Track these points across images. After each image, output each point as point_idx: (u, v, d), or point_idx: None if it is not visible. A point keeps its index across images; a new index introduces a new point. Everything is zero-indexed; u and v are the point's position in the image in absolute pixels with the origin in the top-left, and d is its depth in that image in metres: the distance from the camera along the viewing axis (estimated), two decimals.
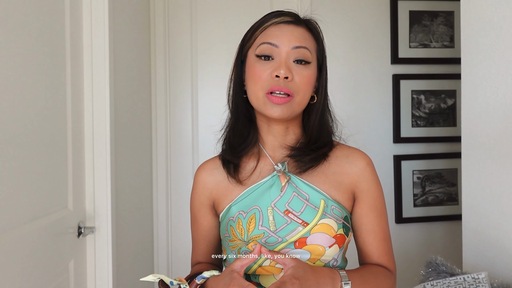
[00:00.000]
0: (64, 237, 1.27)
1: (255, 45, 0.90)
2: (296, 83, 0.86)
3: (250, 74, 0.89)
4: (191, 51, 2.13)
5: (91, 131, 1.43)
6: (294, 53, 0.87)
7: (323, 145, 0.92)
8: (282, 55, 0.86)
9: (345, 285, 0.78)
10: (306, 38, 0.89)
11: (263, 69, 0.87)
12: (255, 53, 0.89)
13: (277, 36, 0.87)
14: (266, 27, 0.89)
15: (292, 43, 0.87)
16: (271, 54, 0.87)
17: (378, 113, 2.23)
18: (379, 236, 0.91)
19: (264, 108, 0.87)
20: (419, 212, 2.24)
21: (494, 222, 1.37)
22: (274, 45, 0.87)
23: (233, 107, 0.95)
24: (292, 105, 0.87)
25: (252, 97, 0.89)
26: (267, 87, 0.86)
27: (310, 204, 0.87)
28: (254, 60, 0.89)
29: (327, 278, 0.77)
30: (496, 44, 1.35)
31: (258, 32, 0.90)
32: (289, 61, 0.87)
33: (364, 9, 2.21)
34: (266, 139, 0.94)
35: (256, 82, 0.87)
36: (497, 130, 1.35)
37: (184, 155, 2.14)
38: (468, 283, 1.21)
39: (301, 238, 0.85)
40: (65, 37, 1.29)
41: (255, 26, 0.92)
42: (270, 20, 0.89)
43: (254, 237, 0.87)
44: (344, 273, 0.81)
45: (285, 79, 0.85)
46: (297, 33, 0.88)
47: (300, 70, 0.87)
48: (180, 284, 0.84)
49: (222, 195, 0.95)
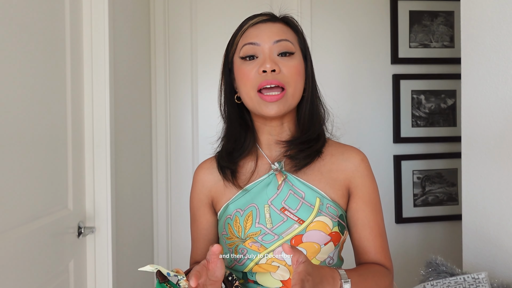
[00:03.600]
0: (64, 237, 1.27)
1: (238, 49, 0.92)
2: (285, 75, 0.88)
3: (239, 77, 0.91)
4: (191, 51, 2.13)
5: (91, 131, 1.43)
6: (277, 47, 0.89)
7: (315, 136, 0.93)
8: (265, 51, 0.89)
9: (345, 283, 0.79)
10: (285, 31, 0.91)
11: (250, 68, 0.89)
12: (240, 56, 0.91)
13: (256, 35, 0.90)
14: (245, 30, 0.92)
15: (272, 38, 0.89)
16: (254, 53, 0.89)
17: (378, 113, 2.23)
18: (374, 230, 0.92)
19: (259, 108, 0.88)
20: (419, 212, 2.24)
21: (494, 222, 1.37)
22: (255, 44, 0.89)
23: (226, 115, 0.98)
24: (286, 99, 0.88)
25: (246, 99, 0.91)
26: (257, 84, 0.87)
27: (305, 202, 0.88)
28: (240, 63, 0.91)
29: (328, 277, 0.78)
30: (496, 44, 1.35)
31: (239, 36, 0.93)
32: (273, 55, 0.89)
33: (364, 9, 2.21)
34: (262, 139, 0.96)
35: (246, 82, 0.89)
36: (497, 130, 1.35)
37: (184, 155, 2.14)
38: (468, 283, 1.21)
39: (297, 236, 0.86)
40: (65, 37, 1.29)
41: (235, 33, 0.95)
42: (248, 23, 0.93)
43: (251, 234, 0.88)
44: (343, 271, 0.81)
45: (273, 72, 0.87)
46: (275, 28, 0.91)
47: (286, 61, 0.89)
48: (178, 275, 0.84)
49: (220, 193, 0.96)
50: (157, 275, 0.84)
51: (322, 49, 2.17)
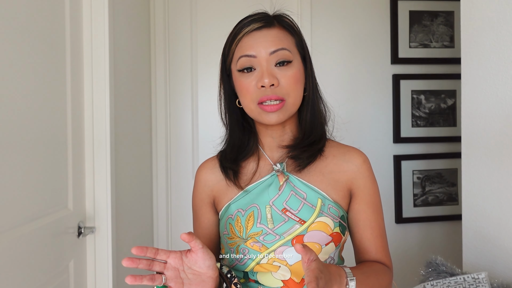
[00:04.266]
0: (64, 237, 1.27)
1: (234, 60, 0.90)
2: (283, 87, 0.87)
3: (238, 88, 0.91)
4: (191, 51, 2.13)
5: (91, 131, 1.43)
6: (273, 58, 0.87)
7: (317, 137, 0.93)
8: (263, 64, 0.87)
9: (351, 281, 0.79)
10: (281, 38, 0.88)
11: (248, 82, 0.88)
12: (237, 68, 0.89)
13: (251, 46, 0.87)
14: (239, 40, 0.89)
15: (268, 48, 0.86)
16: (251, 65, 0.88)
17: (378, 113, 2.23)
18: (376, 231, 0.93)
19: (260, 117, 0.89)
20: (419, 212, 2.24)
21: (494, 222, 1.37)
22: (251, 56, 0.87)
23: (227, 122, 0.97)
24: (286, 108, 0.88)
25: (247, 109, 0.91)
26: (257, 99, 0.87)
27: (307, 203, 0.88)
28: (238, 75, 0.90)
29: (335, 275, 0.78)
30: (496, 44, 1.35)
31: (234, 46, 0.90)
32: (271, 67, 0.87)
33: (364, 9, 2.21)
34: (264, 141, 0.96)
35: (245, 95, 0.89)
36: (497, 130, 1.35)
37: (184, 155, 2.14)
38: (468, 283, 1.21)
39: (298, 236, 0.86)
40: (65, 37, 1.29)
41: (229, 40, 0.92)
42: (242, 31, 0.89)
43: (252, 234, 0.88)
44: (348, 269, 0.82)
45: (272, 87, 0.86)
46: (270, 36, 0.88)
47: (284, 72, 0.87)
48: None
49: (222, 193, 0.96)
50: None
51: (322, 49, 2.17)
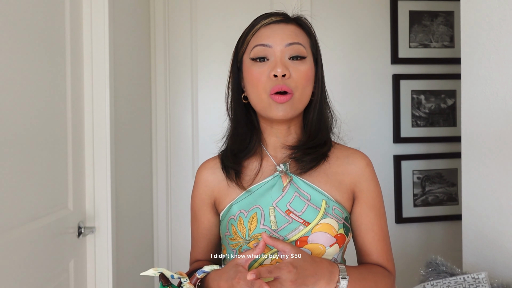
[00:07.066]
0: (64, 237, 1.27)
1: (248, 49, 0.90)
2: (294, 80, 0.87)
3: (249, 78, 0.90)
4: (191, 51, 2.13)
5: (91, 131, 1.43)
6: (288, 50, 0.87)
7: (322, 142, 0.93)
8: (277, 54, 0.87)
9: (343, 279, 0.79)
10: (298, 34, 0.90)
11: (261, 71, 0.87)
12: (250, 57, 0.89)
13: (268, 36, 0.88)
14: (257, 30, 0.90)
15: (284, 40, 0.87)
16: (265, 55, 0.88)
17: (378, 113, 2.23)
18: (378, 235, 0.92)
19: (269, 109, 0.88)
20: (419, 212, 2.24)
21: (494, 222, 1.37)
22: (267, 46, 0.87)
23: (232, 114, 0.97)
24: (293, 102, 0.87)
25: (256, 100, 0.90)
26: (269, 88, 0.86)
27: (311, 204, 0.88)
28: (250, 64, 0.89)
29: (325, 271, 0.78)
30: (496, 44, 1.35)
31: (250, 36, 0.91)
32: (285, 59, 0.87)
33: (364, 9, 2.21)
34: (268, 141, 0.95)
35: (257, 85, 0.88)
36: (497, 130, 1.35)
37: (184, 155, 2.14)
38: (468, 283, 1.21)
39: (302, 237, 0.86)
40: (65, 37, 1.29)
41: (246, 31, 0.92)
42: (260, 22, 0.90)
43: (255, 235, 0.87)
44: (343, 267, 0.81)
45: (283, 77, 0.86)
46: (288, 30, 0.89)
47: (297, 66, 0.88)
48: (181, 278, 0.84)
49: (223, 193, 0.95)
50: (160, 278, 0.84)
51: (322, 49, 2.15)
